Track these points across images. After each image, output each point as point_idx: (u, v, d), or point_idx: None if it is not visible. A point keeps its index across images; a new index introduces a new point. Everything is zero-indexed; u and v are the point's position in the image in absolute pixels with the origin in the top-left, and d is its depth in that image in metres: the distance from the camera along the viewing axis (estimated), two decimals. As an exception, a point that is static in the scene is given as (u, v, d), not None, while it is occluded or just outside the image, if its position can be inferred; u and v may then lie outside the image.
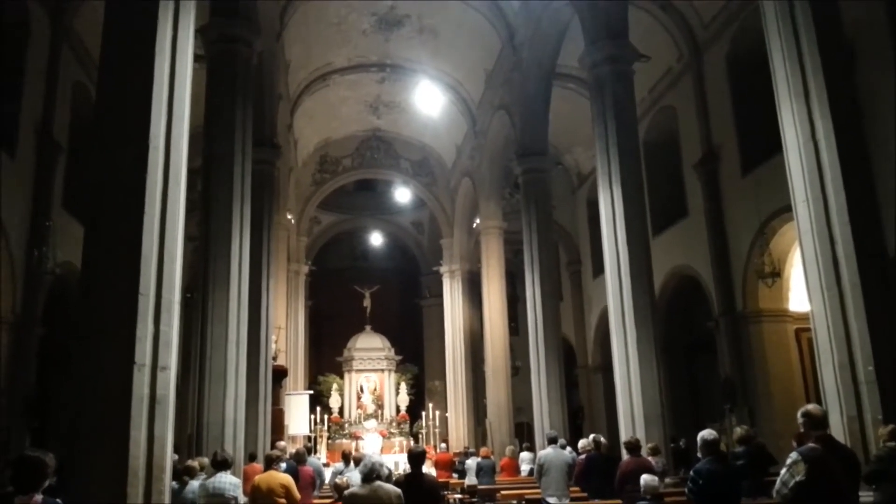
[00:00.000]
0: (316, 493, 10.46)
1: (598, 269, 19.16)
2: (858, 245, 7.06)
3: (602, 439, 10.34)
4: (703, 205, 16.26)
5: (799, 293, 13.12)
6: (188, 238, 7.01)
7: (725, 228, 15.64)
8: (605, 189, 11.90)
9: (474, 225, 24.47)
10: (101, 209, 5.62)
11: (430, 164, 27.27)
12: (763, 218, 13.97)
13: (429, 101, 21.68)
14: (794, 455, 4.44)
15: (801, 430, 4.71)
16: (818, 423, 4.64)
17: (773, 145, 9.04)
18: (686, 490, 6.09)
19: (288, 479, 7.72)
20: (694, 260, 16.74)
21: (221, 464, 7.22)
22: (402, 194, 27.43)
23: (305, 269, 26.67)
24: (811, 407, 4.77)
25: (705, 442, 6.01)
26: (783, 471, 4.48)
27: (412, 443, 22.50)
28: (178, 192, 5.87)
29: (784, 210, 12.08)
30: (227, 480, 7.09)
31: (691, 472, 5.99)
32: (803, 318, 12.86)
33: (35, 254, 12.44)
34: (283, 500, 7.50)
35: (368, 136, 26.49)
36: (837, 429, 6.80)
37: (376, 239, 30.36)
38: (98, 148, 5.80)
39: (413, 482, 5.83)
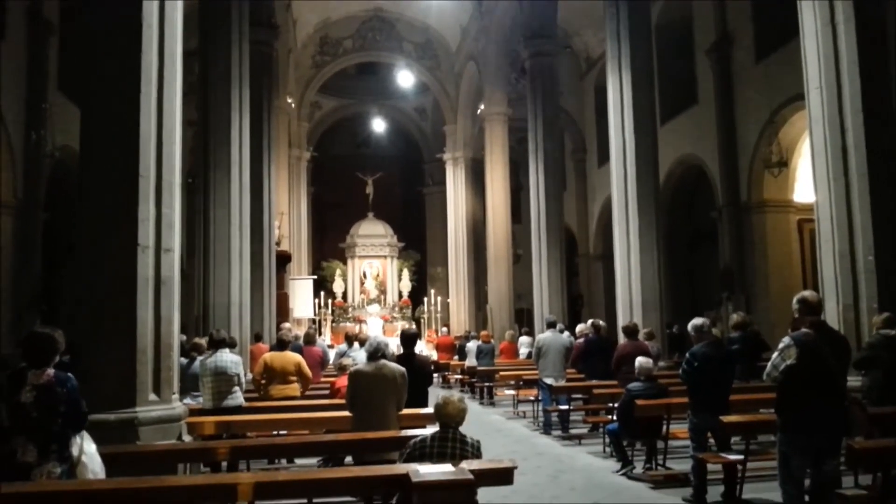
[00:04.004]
0: (322, 372, 10.83)
1: (604, 157, 18.97)
2: (869, 135, 6.95)
3: (601, 323, 10.57)
4: (713, 92, 15.87)
5: (804, 184, 13.02)
6: (187, 122, 6.88)
7: (735, 117, 15.34)
8: (615, 74, 11.58)
9: (478, 111, 24.00)
10: (97, 91, 5.50)
11: (434, 46, 26.40)
12: (774, 106, 13.68)
13: (433, -22, 20.75)
14: (786, 339, 4.53)
15: (796, 315, 4.77)
16: (812, 308, 4.69)
17: (790, 30, 8.70)
18: (680, 371, 6.28)
19: (300, 359, 8.09)
20: (701, 149, 16.53)
21: (219, 342, 7.34)
22: (405, 78, 26.73)
23: (307, 155, 26.43)
24: (807, 293, 4.81)
25: (696, 327, 6.20)
26: (775, 354, 4.58)
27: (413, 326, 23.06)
28: (174, 71, 5.71)
29: (796, 98, 11.80)
30: (228, 358, 7.24)
31: (687, 354, 6.16)
32: (807, 209, 12.80)
33: (33, 136, 12.28)
34: (294, 378, 7.85)
35: (370, 17, 25.47)
36: (833, 317, 6.93)
37: (378, 125, 29.85)
38: (90, 27, 5.63)
39: (405, 361, 6.00)
